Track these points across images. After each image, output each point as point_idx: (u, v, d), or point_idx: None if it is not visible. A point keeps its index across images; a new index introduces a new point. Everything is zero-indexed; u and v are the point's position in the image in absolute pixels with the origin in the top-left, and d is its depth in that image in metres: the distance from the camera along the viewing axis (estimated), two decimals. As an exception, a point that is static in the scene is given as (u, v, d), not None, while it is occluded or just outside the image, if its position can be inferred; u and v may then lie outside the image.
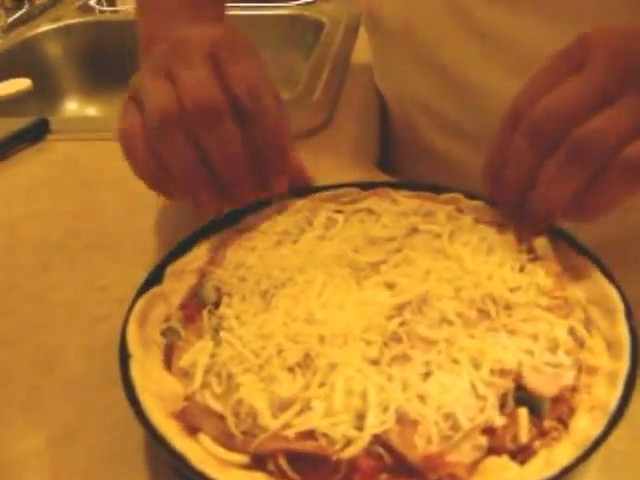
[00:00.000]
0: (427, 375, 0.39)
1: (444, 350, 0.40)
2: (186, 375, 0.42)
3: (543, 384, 0.39)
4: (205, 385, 0.41)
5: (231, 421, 0.38)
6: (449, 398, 0.38)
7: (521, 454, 0.37)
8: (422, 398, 0.38)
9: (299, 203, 0.53)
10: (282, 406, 0.38)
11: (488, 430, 0.37)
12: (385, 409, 0.38)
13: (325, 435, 0.37)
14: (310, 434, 0.37)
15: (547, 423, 0.38)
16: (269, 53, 0.93)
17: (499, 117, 0.45)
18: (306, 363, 0.40)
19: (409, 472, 0.36)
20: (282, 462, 0.37)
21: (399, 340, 0.41)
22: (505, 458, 0.37)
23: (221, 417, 0.39)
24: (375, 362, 0.40)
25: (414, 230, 0.49)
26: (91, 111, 1.12)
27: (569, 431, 0.38)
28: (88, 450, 0.43)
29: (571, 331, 0.42)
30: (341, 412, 0.37)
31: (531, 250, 0.47)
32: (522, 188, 0.46)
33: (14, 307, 0.54)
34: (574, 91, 0.44)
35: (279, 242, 0.50)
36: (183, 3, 0.62)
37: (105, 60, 1.08)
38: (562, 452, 0.37)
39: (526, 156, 0.45)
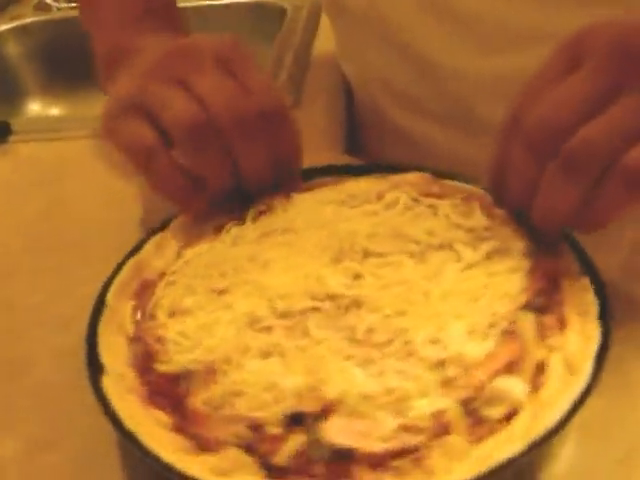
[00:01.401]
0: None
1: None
2: None
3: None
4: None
5: None
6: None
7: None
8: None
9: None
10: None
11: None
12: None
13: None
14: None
15: None
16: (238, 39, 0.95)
17: (464, 95, 0.45)
18: None
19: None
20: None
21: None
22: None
23: None
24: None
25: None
26: (55, 111, 1.10)
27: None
28: (62, 455, 0.43)
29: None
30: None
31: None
32: (524, 199, 0.45)
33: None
34: (569, 94, 0.42)
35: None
36: (139, 13, 0.61)
37: (66, 58, 1.05)
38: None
39: (525, 167, 0.44)
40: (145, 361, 0.43)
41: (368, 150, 0.78)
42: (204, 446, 0.39)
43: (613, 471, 0.41)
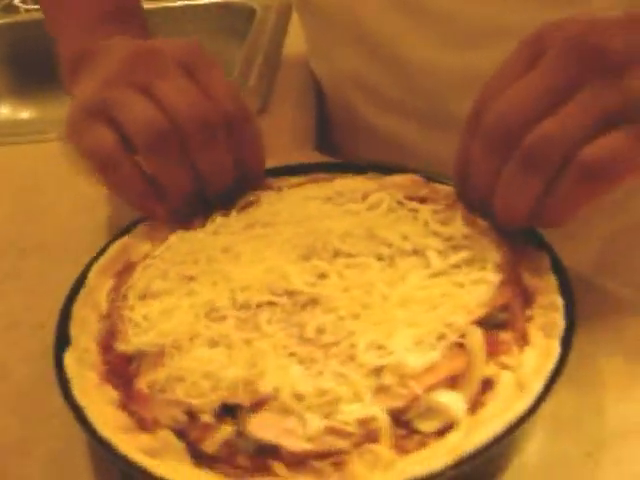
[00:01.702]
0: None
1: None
2: None
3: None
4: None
5: None
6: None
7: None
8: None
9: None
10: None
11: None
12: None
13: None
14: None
15: None
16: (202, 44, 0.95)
17: (436, 92, 0.45)
18: None
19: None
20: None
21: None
22: None
23: None
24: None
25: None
26: (24, 114, 1.07)
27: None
28: (36, 458, 0.44)
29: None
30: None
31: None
32: (485, 195, 0.45)
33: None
34: (526, 91, 0.42)
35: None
36: (103, 17, 0.61)
37: (35, 60, 1.01)
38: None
39: (484, 163, 0.44)
40: (108, 339, 0.45)
41: (341, 149, 0.78)
42: (143, 426, 0.40)
43: (582, 463, 0.41)
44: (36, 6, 1.10)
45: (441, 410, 0.38)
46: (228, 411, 0.39)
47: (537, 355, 0.41)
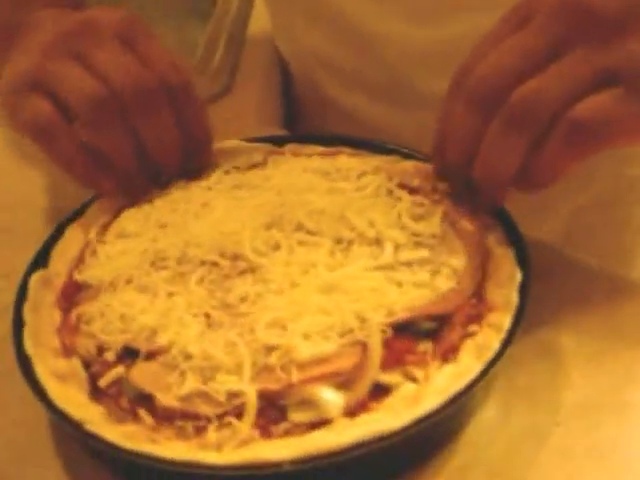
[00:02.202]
0: None
1: None
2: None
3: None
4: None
5: None
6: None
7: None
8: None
9: None
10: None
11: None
12: None
13: None
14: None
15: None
16: (165, 24, 0.86)
17: (401, 66, 0.43)
18: None
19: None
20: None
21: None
22: None
23: None
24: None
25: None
26: None
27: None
28: None
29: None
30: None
31: None
32: (465, 158, 0.43)
33: None
34: (514, 48, 0.40)
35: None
36: None
37: None
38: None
39: (467, 124, 0.42)
40: (75, 267, 0.48)
41: (308, 126, 0.75)
42: (65, 352, 0.43)
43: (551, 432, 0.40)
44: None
45: (316, 404, 0.37)
46: (132, 355, 0.41)
47: (451, 375, 0.38)
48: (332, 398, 0.37)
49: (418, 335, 0.40)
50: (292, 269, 0.43)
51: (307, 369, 0.38)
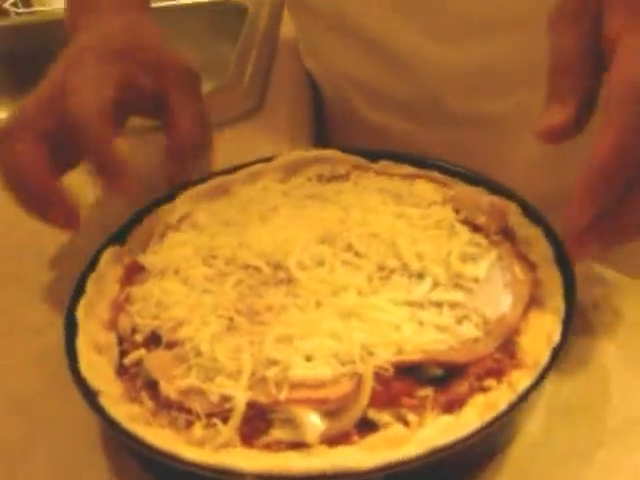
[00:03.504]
0: None
1: None
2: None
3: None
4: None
5: None
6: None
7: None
8: None
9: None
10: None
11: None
12: None
13: None
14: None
15: None
16: (194, 43, 0.92)
17: (432, 85, 0.41)
18: None
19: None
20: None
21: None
22: None
23: None
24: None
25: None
26: None
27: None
28: (43, 464, 0.43)
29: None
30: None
31: None
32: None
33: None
34: None
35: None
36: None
37: (26, 64, 0.91)
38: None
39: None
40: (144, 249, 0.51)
41: (338, 143, 0.74)
42: (110, 326, 0.46)
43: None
44: (27, 9, 1.08)
45: (298, 425, 0.37)
46: (157, 341, 0.43)
47: (445, 426, 0.36)
48: (313, 423, 0.37)
49: (423, 379, 0.38)
50: (324, 288, 0.43)
51: (298, 390, 0.38)
